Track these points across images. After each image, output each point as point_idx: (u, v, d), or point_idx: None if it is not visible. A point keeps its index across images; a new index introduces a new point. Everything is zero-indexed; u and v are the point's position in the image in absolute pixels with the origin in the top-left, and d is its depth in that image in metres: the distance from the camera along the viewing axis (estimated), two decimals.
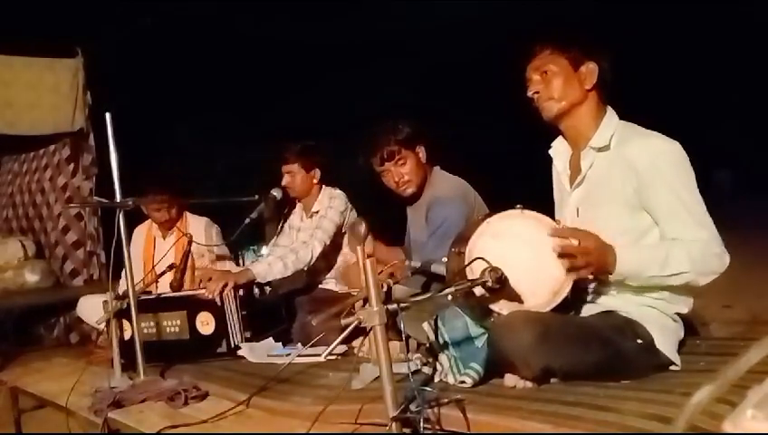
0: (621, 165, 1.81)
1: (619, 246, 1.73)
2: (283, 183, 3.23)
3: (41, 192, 4.93)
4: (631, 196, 1.80)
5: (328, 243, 3.11)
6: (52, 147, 4.70)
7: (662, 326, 1.84)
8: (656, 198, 1.77)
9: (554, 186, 2.11)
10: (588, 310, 1.91)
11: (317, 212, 3.22)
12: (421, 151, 2.69)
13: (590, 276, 1.84)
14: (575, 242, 1.73)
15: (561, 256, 1.74)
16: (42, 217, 4.93)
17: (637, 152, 1.79)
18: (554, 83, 1.90)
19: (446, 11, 7.21)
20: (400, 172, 2.66)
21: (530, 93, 1.93)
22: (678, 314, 1.89)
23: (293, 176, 3.22)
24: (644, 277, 1.74)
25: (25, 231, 5.05)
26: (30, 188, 5.05)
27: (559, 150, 2.04)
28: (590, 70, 1.89)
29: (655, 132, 1.85)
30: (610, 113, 1.92)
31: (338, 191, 3.26)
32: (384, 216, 2.78)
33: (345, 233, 3.25)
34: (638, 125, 1.92)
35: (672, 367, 1.83)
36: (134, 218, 3.18)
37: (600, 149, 1.88)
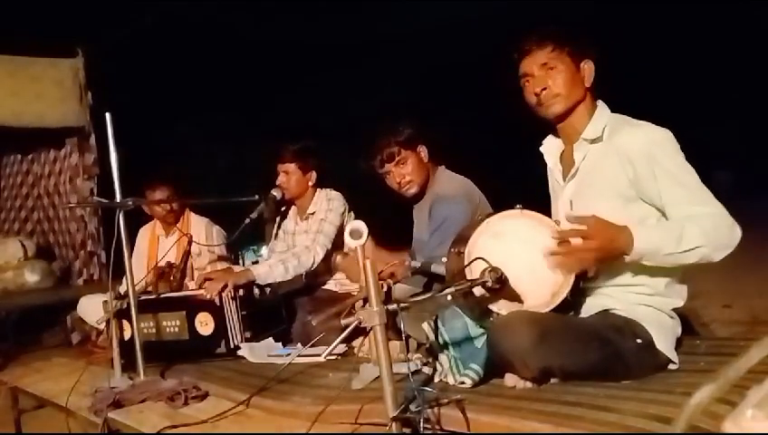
0: (614, 156, 1.82)
1: (633, 226, 1.72)
2: (278, 181, 3.20)
3: (41, 192, 4.93)
4: (626, 186, 1.81)
5: (330, 247, 3.10)
6: (53, 146, 4.70)
7: (659, 324, 1.83)
8: (656, 186, 1.77)
9: (549, 183, 2.12)
10: (586, 310, 1.91)
11: (313, 214, 3.20)
12: (423, 151, 2.68)
13: (591, 273, 1.84)
14: (578, 240, 1.72)
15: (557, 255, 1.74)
16: (42, 217, 4.94)
17: (629, 142, 1.80)
18: (560, 81, 1.87)
19: (446, 11, 7.21)
20: (401, 173, 2.66)
21: (537, 90, 1.89)
22: (675, 309, 1.89)
23: (289, 175, 3.19)
24: (661, 255, 1.72)
25: (26, 231, 5.05)
26: (30, 187, 5.06)
27: (550, 148, 2.05)
28: (590, 68, 1.91)
29: (644, 122, 1.85)
30: (602, 106, 1.93)
31: (335, 193, 3.23)
32: (388, 217, 2.77)
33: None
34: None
35: (670, 366, 1.83)
36: (134, 218, 3.17)
37: (593, 141, 1.89)
